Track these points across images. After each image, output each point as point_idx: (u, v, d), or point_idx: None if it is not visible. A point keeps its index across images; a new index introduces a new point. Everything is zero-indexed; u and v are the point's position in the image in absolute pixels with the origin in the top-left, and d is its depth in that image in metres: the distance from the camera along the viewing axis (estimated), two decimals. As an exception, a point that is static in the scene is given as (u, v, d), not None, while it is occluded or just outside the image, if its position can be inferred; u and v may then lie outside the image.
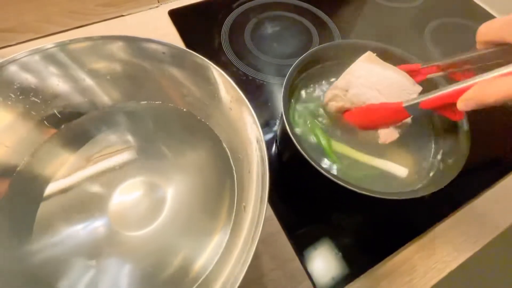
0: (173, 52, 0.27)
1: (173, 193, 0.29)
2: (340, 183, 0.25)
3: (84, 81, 0.29)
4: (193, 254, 0.26)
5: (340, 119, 0.33)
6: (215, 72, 0.26)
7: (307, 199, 0.35)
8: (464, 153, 0.28)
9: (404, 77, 0.29)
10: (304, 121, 0.34)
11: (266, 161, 0.21)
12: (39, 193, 0.28)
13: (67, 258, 0.25)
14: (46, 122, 0.29)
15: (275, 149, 0.38)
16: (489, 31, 0.24)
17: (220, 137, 0.30)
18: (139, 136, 0.32)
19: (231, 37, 0.49)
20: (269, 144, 0.38)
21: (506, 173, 0.38)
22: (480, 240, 0.33)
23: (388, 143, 0.31)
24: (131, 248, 0.26)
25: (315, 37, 0.51)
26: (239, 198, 0.27)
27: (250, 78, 0.45)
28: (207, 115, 0.31)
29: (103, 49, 0.28)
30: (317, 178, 0.26)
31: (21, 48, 0.43)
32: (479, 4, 0.58)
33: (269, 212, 0.33)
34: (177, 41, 0.48)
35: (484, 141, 0.38)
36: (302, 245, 0.32)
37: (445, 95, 0.24)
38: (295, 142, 0.27)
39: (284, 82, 0.30)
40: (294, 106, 0.34)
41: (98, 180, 0.29)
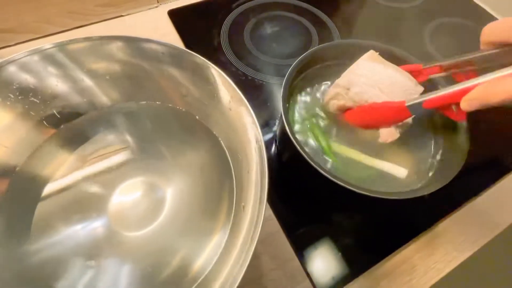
0: (172, 52, 0.27)
1: (173, 193, 0.29)
2: (339, 183, 0.25)
3: (83, 81, 0.29)
4: (192, 254, 0.26)
5: (339, 119, 0.33)
6: (214, 72, 0.26)
7: (306, 199, 0.35)
8: (463, 153, 0.28)
9: (406, 77, 0.29)
10: (303, 121, 0.34)
11: (265, 161, 0.21)
12: (38, 193, 0.28)
13: (66, 258, 0.25)
14: (45, 122, 0.29)
15: (274, 149, 0.38)
16: (493, 32, 0.24)
17: (219, 137, 0.30)
18: (138, 136, 0.32)
19: (230, 37, 0.49)
20: (268, 144, 0.38)
21: (505, 173, 0.38)
22: (479, 239, 0.34)
23: (388, 143, 0.31)
24: (130, 248, 0.26)
25: (314, 37, 0.51)
26: (238, 198, 0.27)
27: (250, 78, 0.45)
28: (206, 115, 0.31)
29: (102, 50, 0.28)
30: (317, 178, 0.26)
31: (20, 48, 0.43)
32: (478, 4, 0.58)
33: (268, 212, 0.33)
34: (176, 41, 0.48)
35: (483, 141, 0.38)
36: (301, 245, 0.32)
37: (448, 95, 0.24)
38: (294, 142, 0.27)
39: (283, 82, 0.30)
40: (294, 106, 0.34)
41: (97, 180, 0.29)
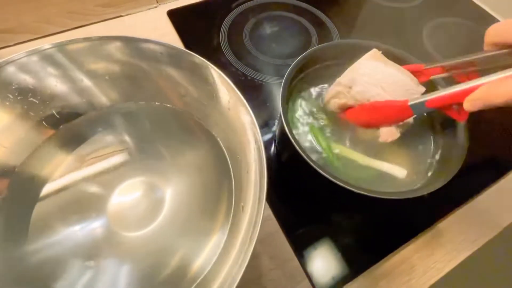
0: (170, 52, 0.27)
1: (172, 193, 0.29)
2: (338, 183, 0.25)
3: (82, 81, 0.29)
4: (192, 254, 0.26)
5: (340, 119, 0.33)
6: (213, 72, 0.26)
7: (305, 199, 0.35)
8: (462, 152, 0.28)
9: (408, 77, 0.29)
10: (302, 121, 0.34)
11: (264, 161, 0.21)
12: (37, 194, 0.27)
13: (65, 258, 0.25)
14: (44, 123, 0.29)
15: (274, 149, 0.38)
16: (497, 33, 0.24)
17: (218, 137, 0.30)
18: (137, 136, 0.32)
19: (230, 37, 0.49)
20: (268, 144, 0.38)
21: (504, 173, 0.38)
22: (479, 239, 0.34)
23: (387, 144, 0.31)
24: (129, 249, 0.26)
25: (314, 37, 0.51)
26: (237, 198, 0.27)
27: (249, 78, 0.45)
28: (205, 115, 0.31)
29: (101, 50, 0.28)
30: (316, 178, 0.26)
31: (20, 48, 0.43)
32: (477, 4, 0.58)
33: (267, 212, 0.33)
34: (176, 41, 0.48)
35: (482, 140, 0.38)
36: (301, 245, 0.32)
37: (452, 95, 0.24)
38: (293, 143, 0.27)
39: (283, 82, 0.30)
40: (293, 106, 0.34)
41: (96, 180, 0.29)
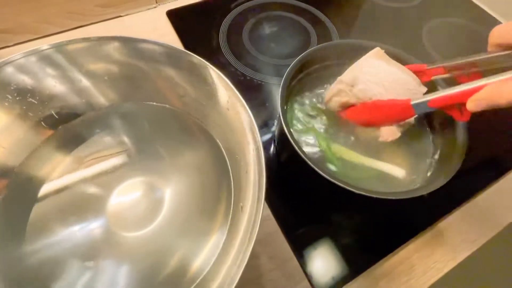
0: (169, 52, 0.27)
1: (171, 193, 0.29)
2: (337, 183, 0.25)
3: (81, 82, 0.29)
4: (191, 254, 0.26)
5: (340, 119, 0.33)
6: (211, 72, 0.26)
7: (305, 199, 0.35)
8: (461, 152, 0.28)
9: (411, 77, 0.29)
10: (302, 121, 0.34)
11: (263, 161, 0.21)
12: (35, 194, 0.27)
13: (64, 259, 0.25)
14: (43, 123, 0.29)
15: (273, 150, 0.38)
16: (502, 34, 0.24)
17: (217, 137, 0.30)
18: (136, 137, 0.32)
19: (229, 37, 0.49)
20: (267, 145, 0.38)
21: (503, 173, 0.38)
22: (478, 239, 0.34)
23: (386, 144, 0.31)
24: (129, 249, 0.26)
25: (313, 37, 0.51)
26: (236, 199, 0.27)
27: (248, 78, 0.45)
28: (204, 115, 0.31)
29: (99, 50, 0.28)
30: (315, 178, 0.26)
31: (19, 49, 0.42)
32: (476, 3, 0.58)
33: (267, 212, 0.33)
34: (175, 41, 0.48)
35: (482, 141, 0.38)
36: (300, 245, 0.32)
37: (455, 95, 0.24)
38: (292, 143, 0.27)
39: (282, 82, 0.30)
40: (292, 106, 0.34)
41: (95, 181, 0.29)
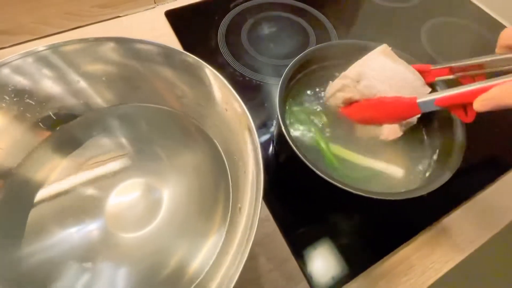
0: (165, 53, 0.27)
1: (169, 194, 0.29)
2: (336, 184, 0.25)
3: (79, 83, 0.29)
4: (189, 255, 0.26)
5: (338, 119, 0.33)
6: (208, 72, 0.26)
7: (304, 199, 0.35)
8: (460, 153, 0.28)
9: (416, 76, 0.29)
10: (300, 121, 0.33)
11: (260, 162, 0.21)
12: (33, 195, 0.27)
13: (62, 261, 0.25)
14: (41, 124, 0.29)
15: (272, 150, 0.38)
16: (511, 36, 0.24)
17: (216, 138, 0.30)
18: (134, 138, 0.32)
19: (228, 37, 0.49)
20: (266, 145, 0.38)
21: (502, 173, 0.38)
22: (477, 239, 0.33)
23: (386, 144, 0.31)
24: (127, 250, 0.26)
25: (312, 37, 0.51)
26: (235, 199, 0.27)
27: (247, 78, 0.45)
28: (202, 116, 0.31)
29: (96, 51, 0.27)
30: (314, 179, 0.26)
31: (17, 50, 0.42)
32: (475, 3, 0.58)
33: (266, 212, 0.33)
34: (173, 42, 0.48)
35: (480, 141, 0.38)
36: (299, 246, 0.32)
37: (462, 94, 0.24)
38: (290, 143, 0.27)
39: (280, 83, 0.30)
40: (291, 107, 0.34)
41: (94, 182, 0.29)
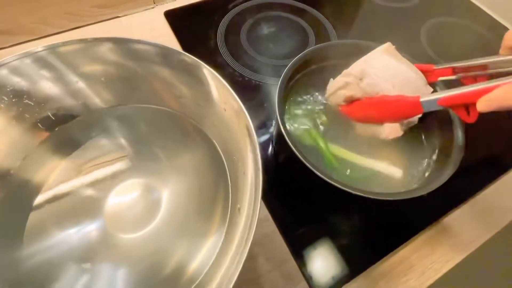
0: (164, 53, 0.27)
1: (169, 195, 0.29)
2: (335, 184, 0.25)
3: (77, 83, 0.29)
4: (189, 256, 0.26)
5: (337, 119, 0.33)
6: (206, 72, 0.26)
7: (303, 200, 0.35)
8: (459, 153, 0.28)
9: (419, 76, 0.29)
10: (300, 121, 0.33)
11: (259, 162, 0.21)
12: (33, 196, 0.27)
13: (61, 262, 0.25)
14: (40, 125, 0.29)
15: (271, 150, 0.38)
16: None
17: (215, 138, 0.30)
18: (133, 138, 0.32)
19: (227, 38, 0.49)
20: (265, 145, 0.38)
21: (502, 173, 0.38)
22: (476, 240, 0.33)
23: (385, 144, 0.31)
24: (126, 251, 0.26)
25: (311, 37, 0.51)
26: (234, 200, 0.27)
27: (246, 79, 0.45)
28: (201, 116, 0.31)
29: (94, 51, 0.27)
30: (313, 179, 0.26)
31: (17, 50, 0.42)
32: (475, 3, 0.58)
33: (265, 213, 0.33)
34: (173, 42, 0.48)
35: (480, 141, 0.38)
36: (298, 246, 0.32)
37: (466, 94, 0.24)
38: (290, 144, 0.27)
39: (279, 83, 0.30)
40: (290, 107, 0.34)
41: (93, 182, 0.29)
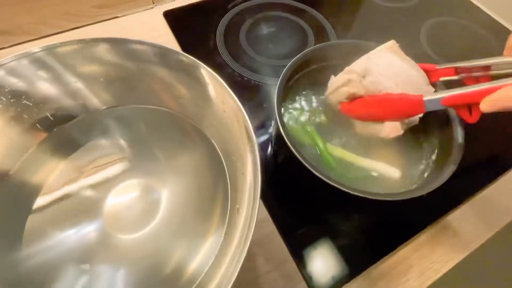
0: (162, 53, 0.27)
1: (168, 195, 0.29)
2: (334, 184, 0.25)
3: (76, 84, 0.29)
4: (188, 256, 0.26)
5: (336, 119, 0.33)
6: (204, 72, 0.26)
7: (302, 200, 0.35)
8: (458, 153, 0.28)
9: (421, 75, 0.29)
10: (299, 122, 0.33)
11: (258, 163, 0.21)
12: (31, 198, 0.27)
13: (60, 263, 0.25)
14: (38, 125, 0.29)
15: (270, 151, 0.38)
16: None
17: (214, 139, 0.30)
18: (132, 139, 0.32)
19: (226, 38, 0.49)
20: (264, 146, 0.38)
21: (502, 173, 0.38)
22: (476, 240, 0.33)
23: (384, 144, 0.31)
24: (125, 251, 0.26)
25: (310, 37, 0.51)
26: (233, 200, 0.27)
27: (246, 79, 0.44)
28: (201, 117, 0.31)
29: (92, 52, 0.27)
30: (312, 179, 0.26)
31: (16, 50, 0.42)
32: (475, 3, 0.58)
33: (264, 213, 0.33)
34: (172, 42, 0.48)
35: (480, 140, 0.38)
36: (297, 246, 0.32)
37: (470, 94, 0.24)
38: (288, 144, 0.27)
39: (278, 83, 0.30)
40: (290, 107, 0.34)
41: (92, 183, 0.29)
